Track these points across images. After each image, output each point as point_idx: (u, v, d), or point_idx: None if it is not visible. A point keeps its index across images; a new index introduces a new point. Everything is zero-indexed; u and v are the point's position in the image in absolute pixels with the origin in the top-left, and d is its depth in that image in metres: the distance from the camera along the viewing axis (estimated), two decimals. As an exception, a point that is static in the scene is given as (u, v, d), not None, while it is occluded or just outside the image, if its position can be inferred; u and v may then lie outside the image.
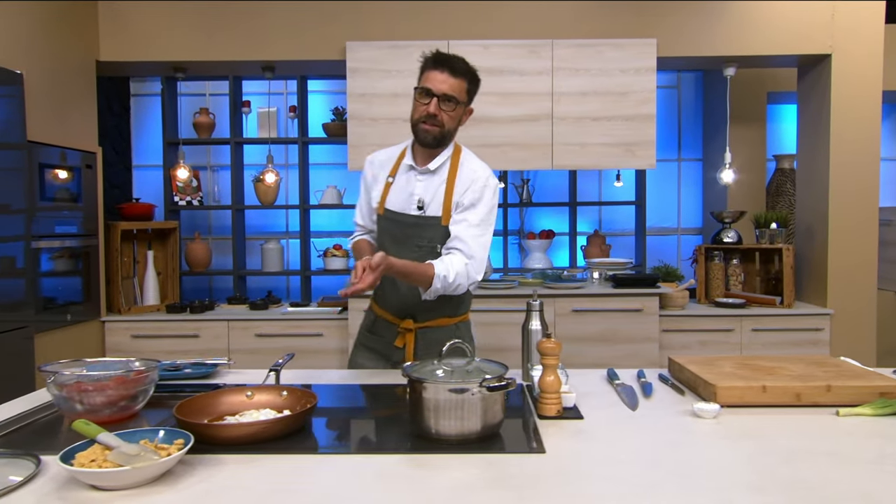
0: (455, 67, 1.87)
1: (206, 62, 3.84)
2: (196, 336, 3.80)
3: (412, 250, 1.92)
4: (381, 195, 1.99)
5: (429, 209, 1.92)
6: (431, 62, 1.89)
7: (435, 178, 1.94)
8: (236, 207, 4.61)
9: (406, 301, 1.97)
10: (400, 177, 1.98)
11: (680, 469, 1.16)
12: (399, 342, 2.01)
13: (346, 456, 1.25)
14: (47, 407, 1.60)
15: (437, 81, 1.85)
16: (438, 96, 1.84)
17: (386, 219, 1.98)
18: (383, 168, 2.03)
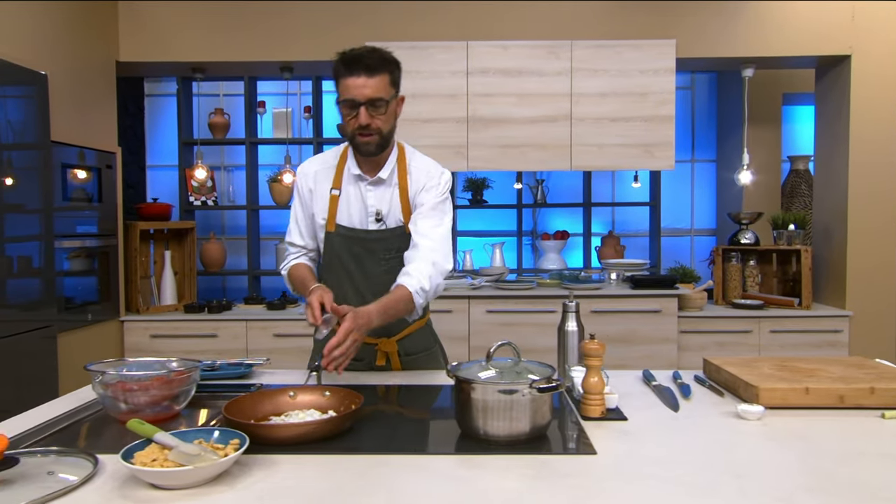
0: (371, 65, 1.66)
1: (225, 62, 3.85)
2: (214, 336, 3.81)
3: (378, 263, 1.83)
4: (329, 210, 1.82)
5: (388, 220, 1.82)
6: (343, 68, 1.68)
7: (387, 187, 1.82)
8: (251, 207, 4.63)
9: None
10: (347, 188, 1.82)
11: (734, 470, 1.17)
12: (381, 361, 1.89)
13: (398, 456, 1.26)
14: (90, 406, 1.61)
15: (356, 88, 1.66)
16: (364, 104, 1.67)
17: (340, 235, 1.82)
18: (321, 180, 1.85)
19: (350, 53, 1.68)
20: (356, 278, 1.85)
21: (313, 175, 1.87)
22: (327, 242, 1.85)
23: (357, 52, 1.68)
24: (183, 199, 4.58)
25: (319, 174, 1.87)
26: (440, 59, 3.62)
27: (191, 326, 3.83)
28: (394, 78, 1.73)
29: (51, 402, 1.65)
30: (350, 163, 1.84)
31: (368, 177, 1.81)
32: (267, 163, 4.92)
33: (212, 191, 4.70)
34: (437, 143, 3.66)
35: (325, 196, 1.84)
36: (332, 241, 1.84)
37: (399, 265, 1.81)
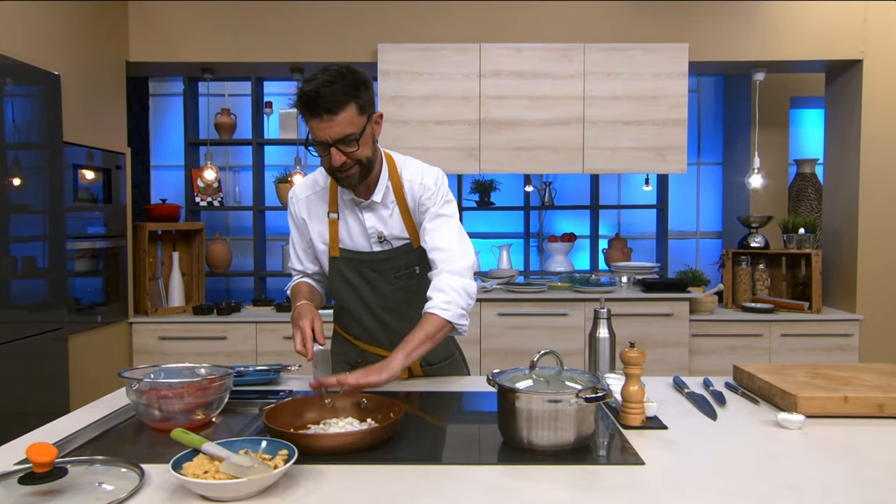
0: (331, 105, 1.49)
1: (235, 63, 3.83)
2: (224, 338, 3.79)
3: (390, 282, 1.78)
4: (330, 235, 1.75)
5: (392, 240, 1.75)
6: (304, 110, 1.52)
7: (384, 207, 1.73)
8: (257, 208, 4.60)
9: (400, 333, 1.68)
10: (344, 211, 1.74)
11: (787, 481, 1.16)
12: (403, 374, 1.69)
13: (444, 466, 1.25)
14: (120, 413, 1.59)
15: (322, 130, 1.52)
16: (333, 144, 1.53)
17: (347, 259, 1.75)
18: (315, 204, 1.77)
19: (308, 93, 1.51)
20: (369, 300, 1.79)
21: (305, 201, 1.78)
22: (333, 267, 1.77)
23: (314, 91, 1.50)
24: (189, 200, 4.55)
25: (311, 199, 1.78)
26: (453, 60, 3.61)
27: (200, 328, 3.81)
28: (361, 104, 1.55)
29: (81, 409, 1.63)
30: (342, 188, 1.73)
31: (363, 199, 1.72)
32: (273, 163, 4.89)
33: (218, 191, 4.67)
34: (449, 146, 3.65)
35: (322, 220, 1.76)
36: (337, 265, 1.77)
37: (412, 280, 1.78)
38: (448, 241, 1.70)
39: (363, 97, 1.56)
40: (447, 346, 1.96)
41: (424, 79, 3.63)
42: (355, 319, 1.82)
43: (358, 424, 1.41)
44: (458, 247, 1.71)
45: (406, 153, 3.67)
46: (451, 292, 1.63)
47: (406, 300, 1.79)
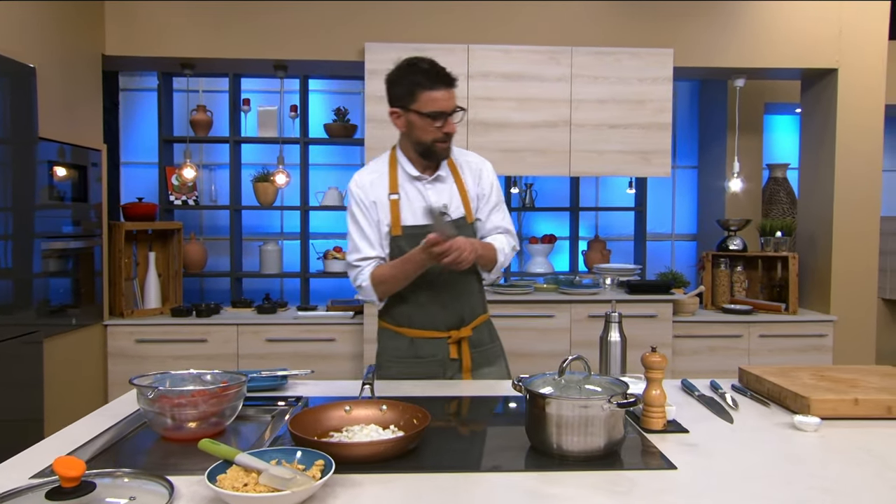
0: (449, 79, 1.84)
1: (216, 59, 3.73)
2: (204, 341, 3.70)
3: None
4: (392, 216, 1.89)
5: (452, 213, 1.91)
6: (427, 80, 1.81)
7: (445, 183, 1.93)
8: (235, 208, 4.51)
9: (455, 312, 1.94)
10: (405, 189, 1.91)
11: (819, 485, 1.18)
12: (454, 354, 1.95)
13: (478, 474, 1.23)
14: (131, 421, 1.53)
15: (444, 101, 1.81)
16: (450, 114, 1.81)
17: (407, 236, 1.87)
18: (378, 188, 1.91)
19: (431, 67, 1.83)
20: (428, 275, 1.88)
21: (370, 186, 1.92)
22: (394, 246, 1.89)
23: (435, 68, 1.83)
24: (163, 199, 4.43)
25: (375, 183, 1.92)
26: (441, 61, 3.56)
27: (179, 331, 3.71)
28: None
29: (89, 417, 1.56)
30: (406, 165, 1.92)
31: (427, 176, 1.90)
32: (251, 162, 4.80)
33: (193, 190, 4.56)
34: (436, 147, 3.63)
35: (385, 203, 1.89)
36: (399, 243, 1.88)
37: None
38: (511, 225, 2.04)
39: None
40: (490, 331, 2.06)
41: (412, 79, 3.60)
42: (411, 298, 1.91)
43: (382, 432, 1.39)
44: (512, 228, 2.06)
45: (394, 153, 3.64)
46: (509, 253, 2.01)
47: (460, 276, 1.91)
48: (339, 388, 1.88)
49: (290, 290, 4.93)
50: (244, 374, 1.56)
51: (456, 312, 1.93)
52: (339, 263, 4.55)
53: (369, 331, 3.60)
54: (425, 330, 1.94)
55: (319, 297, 4.86)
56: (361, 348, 3.66)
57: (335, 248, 4.62)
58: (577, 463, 1.29)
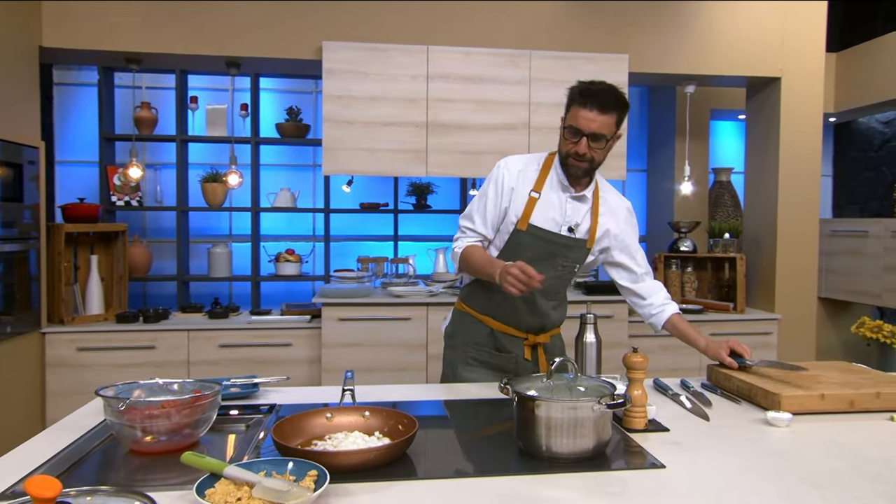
0: (604, 104, 1.77)
1: (166, 54, 3.58)
2: (152, 348, 3.54)
3: (554, 268, 1.93)
4: (525, 210, 1.90)
5: (578, 232, 1.92)
6: (578, 97, 1.80)
7: (585, 204, 1.94)
8: (182, 209, 4.35)
9: (539, 317, 2.00)
10: (549, 194, 1.91)
11: (806, 479, 1.21)
12: (529, 355, 2.01)
13: (472, 479, 1.21)
14: (96, 434, 1.44)
15: (585, 120, 1.78)
16: (587, 135, 1.79)
17: (530, 234, 1.91)
18: (524, 180, 1.93)
19: (590, 86, 1.80)
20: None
21: (517, 174, 1.93)
22: (514, 238, 1.92)
23: (597, 88, 1.79)
24: (104, 199, 4.23)
25: (523, 174, 1.93)
26: (400, 61, 3.56)
27: (125, 338, 3.54)
28: (620, 118, 1.83)
29: (48, 431, 1.46)
30: (559, 172, 1.92)
31: (573, 190, 1.92)
32: (198, 162, 4.64)
33: (136, 190, 4.37)
34: (396, 148, 3.59)
35: (523, 196, 1.91)
36: (519, 238, 1.91)
37: (569, 275, 1.99)
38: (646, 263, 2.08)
39: (623, 114, 1.83)
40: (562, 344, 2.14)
41: (371, 79, 3.55)
42: (506, 302, 1.93)
43: (368, 439, 1.35)
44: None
45: (352, 154, 3.59)
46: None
47: (556, 288, 1.99)
48: (312, 394, 1.83)
49: (239, 294, 4.79)
50: (217, 383, 1.49)
51: (540, 318, 1.99)
52: (292, 266, 4.45)
53: (327, 335, 3.53)
54: (507, 325, 1.99)
55: (271, 301, 4.74)
56: (319, 353, 3.58)
57: (287, 251, 4.52)
58: (567, 464, 1.29)
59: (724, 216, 4.71)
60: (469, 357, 2.02)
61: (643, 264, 2.05)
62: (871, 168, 5.15)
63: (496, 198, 1.93)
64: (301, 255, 4.56)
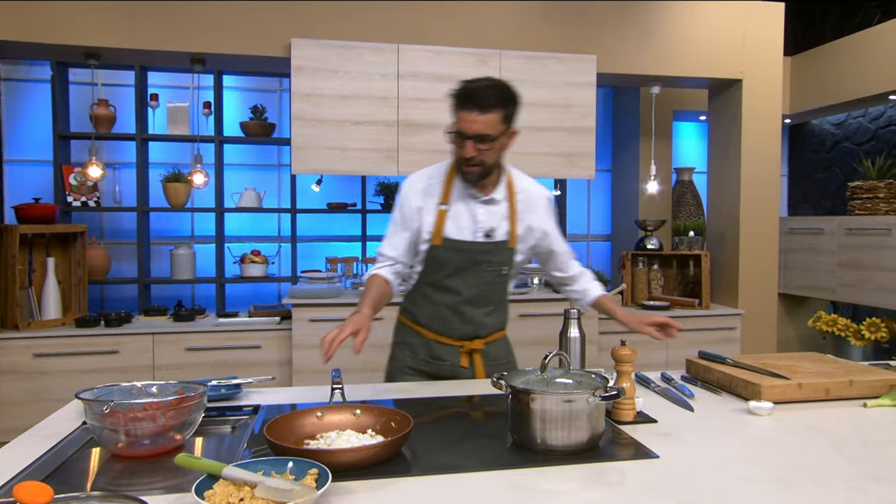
0: (484, 103, 1.70)
1: (128, 50, 3.48)
2: (115, 352, 3.43)
3: (480, 275, 1.91)
4: (436, 224, 1.87)
5: (496, 235, 1.89)
6: (458, 100, 1.74)
7: (498, 206, 1.89)
8: (143, 209, 4.23)
9: (472, 325, 1.95)
10: (456, 205, 1.87)
11: (793, 463, 1.25)
12: (464, 362, 1.97)
13: (471, 474, 1.21)
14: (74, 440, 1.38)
15: (467, 122, 1.72)
16: (471, 138, 1.73)
17: (446, 248, 1.87)
18: (429, 195, 1.89)
19: (468, 87, 1.73)
20: (457, 288, 1.90)
21: (422, 191, 1.89)
22: (431, 253, 1.89)
23: (474, 87, 1.72)
24: (59, 200, 4.08)
25: (428, 189, 1.89)
26: (370, 60, 3.53)
27: (85, 343, 3.42)
28: (507, 114, 1.76)
29: (21, 438, 1.39)
30: (461, 184, 1.87)
31: (481, 195, 1.87)
32: (159, 161, 4.52)
33: (94, 190, 4.23)
34: (367, 146, 3.56)
35: (432, 211, 1.88)
36: (437, 252, 1.88)
37: (497, 278, 1.93)
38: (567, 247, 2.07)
39: (510, 110, 1.76)
40: (507, 348, 2.09)
41: (341, 77, 3.52)
42: (434, 305, 1.92)
43: (361, 437, 1.33)
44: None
45: (322, 153, 3.55)
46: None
47: (487, 295, 1.94)
48: (295, 394, 1.80)
49: (202, 297, 4.68)
50: (202, 384, 1.45)
51: (473, 325, 1.95)
52: (257, 267, 4.37)
53: (298, 336, 3.47)
54: (439, 335, 1.96)
55: (236, 304, 4.65)
56: (290, 354, 3.53)
57: (253, 252, 4.44)
58: (562, 457, 1.29)
59: (687, 215, 4.81)
60: (405, 366, 2.00)
61: (567, 249, 2.06)
62: (824, 168, 5.34)
63: (403, 220, 1.90)
64: (267, 257, 4.48)
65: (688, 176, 4.95)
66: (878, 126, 4.85)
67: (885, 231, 4.13)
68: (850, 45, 4.55)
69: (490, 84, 1.74)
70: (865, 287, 4.28)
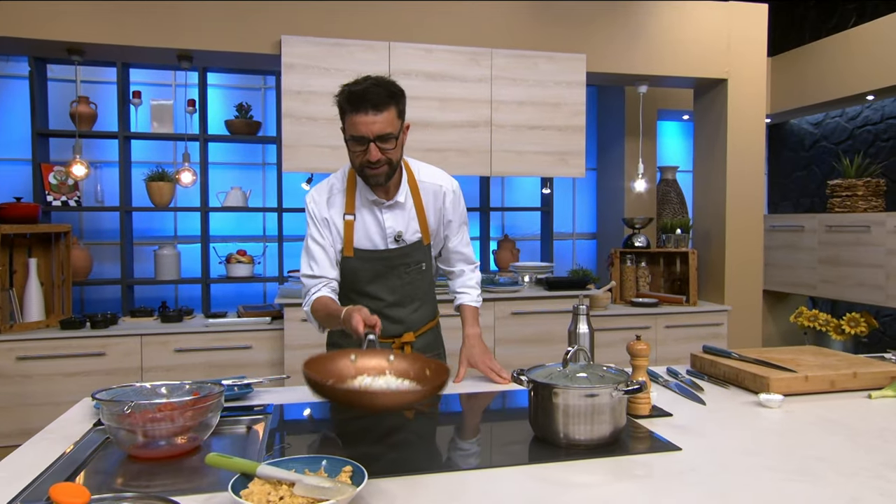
0: (377, 102, 1.62)
1: (113, 46, 3.40)
2: (101, 355, 3.36)
3: (400, 277, 1.88)
4: (345, 236, 1.82)
5: (406, 238, 1.85)
6: (350, 104, 1.64)
7: (403, 208, 1.84)
8: (126, 209, 4.15)
9: (402, 325, 1.91)
10: (362, 213, 1.82)
11: (813, 454, 1.27)
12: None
13: (500, 469, 1.21)
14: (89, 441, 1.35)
15: (364, 125, 1.63)
16: (373, 140, 1.64)
17: (360, 259, 1.83)
18: (332, 207, 1.82)
19: (355, 90, 1.63)
20: (380, 294, 1.87)
21: (325, 203, 1.83)
22: (346, 265, 1.85)
23: (362, 88, 1.63)
24: (38, 199, 3.98)
25: (331, 202, 1.84)
26: (362, 58, 3.51)
27: (70, 345, 3.34)
28: (400, 109, 1.70)
29: (34, 439, 1.36)
30: (363, 188, 1.81)
31: (384, 200, 1.81)
32: (143, 160, 4.44)
33: (74, 189, 4.14)
34: (358, 145, 3.54)
35: (339, 223, 1.83)
36: (351, 264, 1.84)
37: (418, 276, 1.90)
38: (469, 248, 2.03)
39: (401, 104, 1.70)
40: (436, 339, 2.07)
41: (332, 74, 3.49)
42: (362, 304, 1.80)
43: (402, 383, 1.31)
44: (471, 249, 2.06)
45: (313, 151, 3.52)
46: (478, 287, 2.06)
47: (410, 294, 1.91)
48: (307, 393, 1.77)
49: (186, 298, 4.61)
50: (218, 384, 1.43)
51: (403, 325, 1.91)
52: (244, 267, 4.32)
53: (290, 336, 3.44)
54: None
55: (222, 304, 4.59)
56: (282, 355, 3.49)
57: (238, 252, 4.39)
58: (586, 451, 1.30)
59: (671, 213, 4.88)
60: None
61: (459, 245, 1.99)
62: (803, 167, 5.45)
63: (321, 233, 1.82)
64: (253, 256, 4.43)
65: (672, 175, 5.02)
66: (855, 126, 4.96)
67: (864, 228, 4.23)
68: (828, 46, 4.65)
69: (377, 82, 1.65)
70: (845, 283, 4.38)
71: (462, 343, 1.98)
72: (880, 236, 4.12)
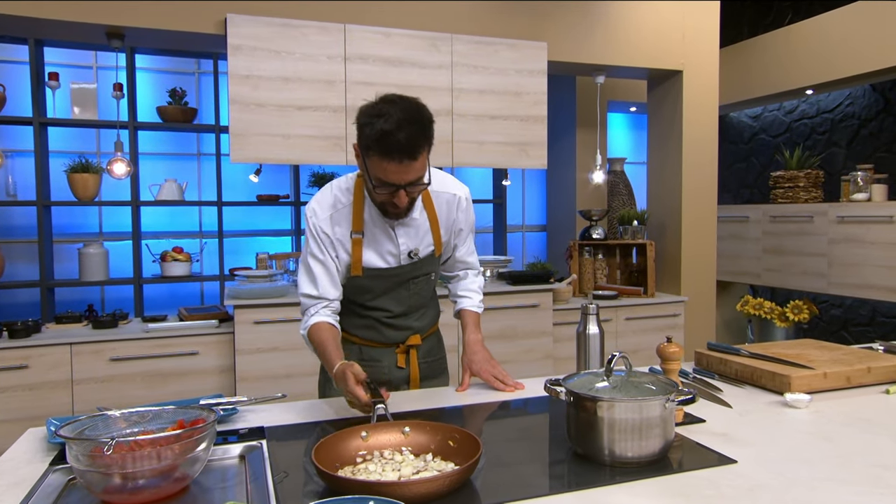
0: (412, 151, 1.44)
1: (30, 19, 3.01)
2: (24, 367, 2.99)
3: (407, 289, 1.78)
4: (353, 255, 1.68)
5: (421, 253, 1.74)
6: (378, 148, 1.44)
7: (417, 225, 1.71)
8: (43, 203, 3.75)
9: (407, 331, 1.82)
10: (372, 230, 1.68)
11: (870, 461, 1.20)
12: (401, 363, 1.83)
13: (547, 498, 1.06)
14: (51, 487, 1.11)
15: (396, 175, 1.47)
16: (404, 187, 1.51)
17: (368, 277, 1.71)
18: (338, 223, 1.67)
19: (388, 131, 1.42)
20: (388, 307, 1.78)
21: (329, 220, 1.67)
22: (353, 283, 1.74)
23: (402, 137, 1.42)
24: (-60, 193, 3.53)
25: (335, 218, 1.67)
26: (315, 40, 3.26)
27: (-14, 357, 2.95)
28: (431, 144, 1.51)
29: None
30: (373, 205, 1.65)
31: (396, 218, 1.67)
32: (62, 149, 4.03)
33: (-20, 182, 3.70)
34: (312, 133, 3.30)
35: (346, 241, 1.68)
36: (359, 282, 1.73)
37: (427, 285, 1.82)
38: (474, 256, 1.94)
39: (432, 138, 1.51)
40: (439, 343, 1.98)
41: (283, 58, 3.22)
42: (364, 318, 1.80)
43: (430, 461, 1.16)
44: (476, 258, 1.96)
45: (263, 141, 3.26)
46: (480, 291, 1.96)
47: (417, 303, 1.82)
48: (302, 412, 1.57)
49: (115, 300, 4.23)
50: (210, 409, 1.21)
51: (409, 331, 1.83)
52: (180, 266, 4.00)
53: (241, 340, 3.18)
54: (372, 342, 1.82)
55: (157, 306, 4.24)
56: (232, 360, 3.22)
57: (174, 249, 4.05)
58: (635, 469, 1.18)
59: (620, 204, 4.87)
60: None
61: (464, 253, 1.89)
62: (742, 159, 5.59)
63: (322, 251, 1.67)
64: (191, 254, 4.11)
65: (619, 166, 5.01)
66: (793, 119, 5.12)
67: (807, 218, 4.36)
68: (770, 41, 4.76)
69: (408, 118, 1.45)
70: (789, 271, 4.51)
71: (463, 350, 1.84)
72: (823, 226, 4.25)
